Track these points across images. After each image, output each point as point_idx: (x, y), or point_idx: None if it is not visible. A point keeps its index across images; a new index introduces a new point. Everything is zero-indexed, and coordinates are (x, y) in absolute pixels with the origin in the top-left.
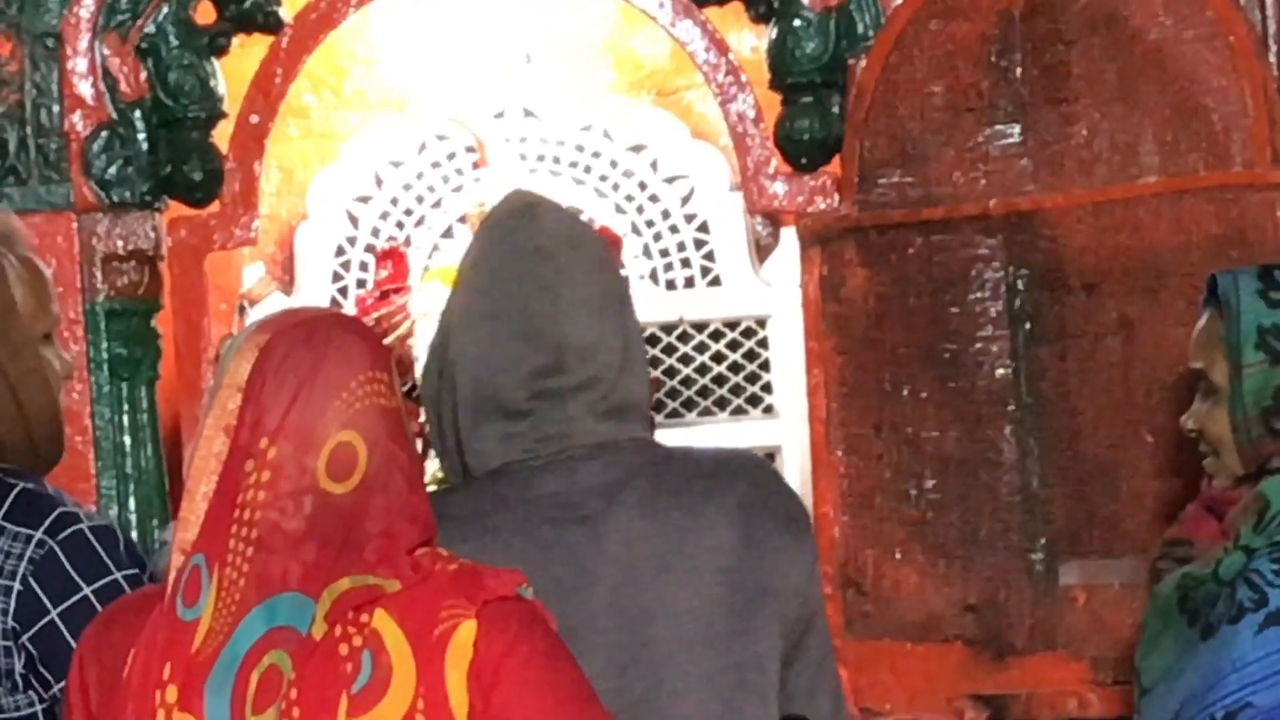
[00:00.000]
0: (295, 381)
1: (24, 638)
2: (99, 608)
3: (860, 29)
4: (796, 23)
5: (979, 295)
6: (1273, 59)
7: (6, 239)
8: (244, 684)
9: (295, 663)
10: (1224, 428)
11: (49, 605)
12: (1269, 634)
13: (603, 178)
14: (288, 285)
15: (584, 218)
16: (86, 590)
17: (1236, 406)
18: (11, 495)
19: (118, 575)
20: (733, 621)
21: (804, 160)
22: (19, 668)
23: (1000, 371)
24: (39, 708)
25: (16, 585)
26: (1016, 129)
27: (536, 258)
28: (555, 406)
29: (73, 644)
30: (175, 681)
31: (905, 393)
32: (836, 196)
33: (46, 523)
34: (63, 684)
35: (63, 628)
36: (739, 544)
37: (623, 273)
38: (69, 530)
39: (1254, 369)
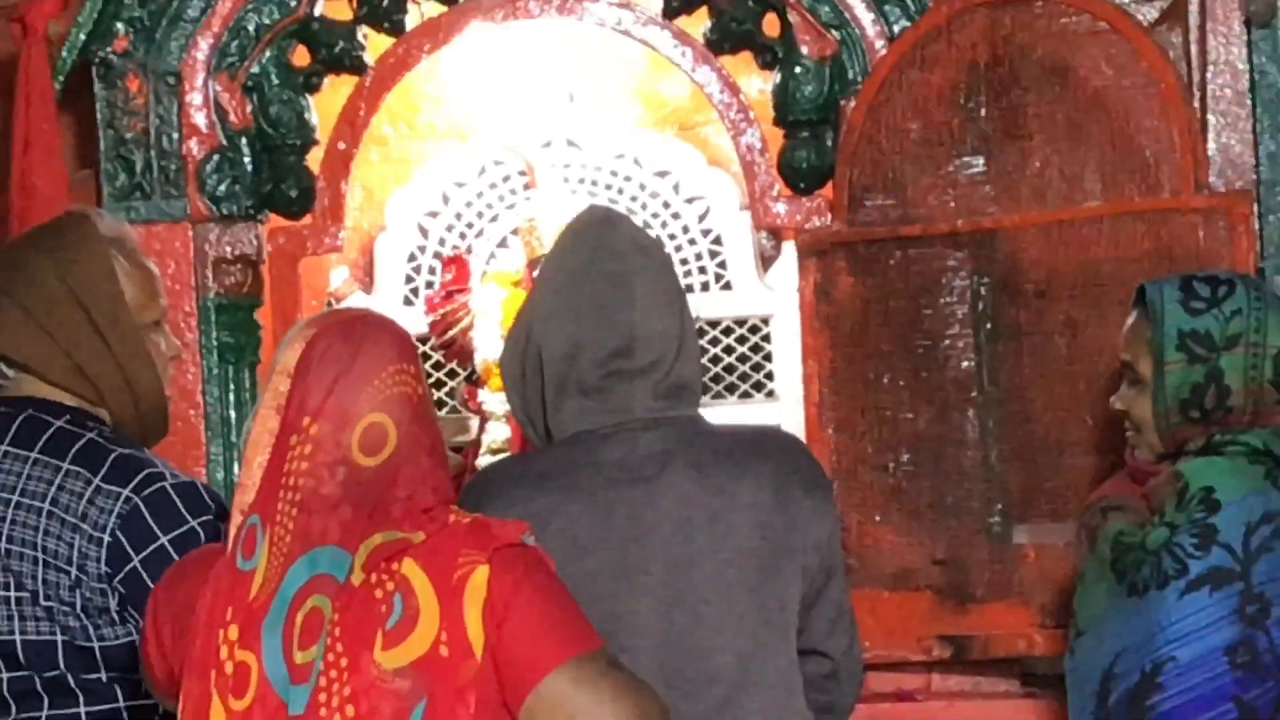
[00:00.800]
0: (335, 370)
1: (115, 580)
2: (174, 554)
3: (850, 75)
4: (797, 69)
5: (948, 300)
6: (1196, 104)
7: (119, 243)
8: (291, 624)
9: (337, 605)
10: (1146, 412)
11: (132, 553)
12: (1189, 599)
13: (633, 198)
14: (368, 285)
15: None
16: (164, 539)
17: (1158, 397)
18: (110, 459)
19: (193, 523)
20: (763, 570)
21: (802, 185)
22: (114, 605)
23: (965, 364)
24: (136, 638)
25: (107, 537)
26: (981, 160)
27: (614, 260)
28: (623, 384)
29: (152, 586)
30: (236, 622)
31: (885, 381)
32: (829, 216)
33: (134, 482)
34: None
35: (143, 572)
36: (771, 504)
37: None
38: (153, 488)
39: (1174, 366)
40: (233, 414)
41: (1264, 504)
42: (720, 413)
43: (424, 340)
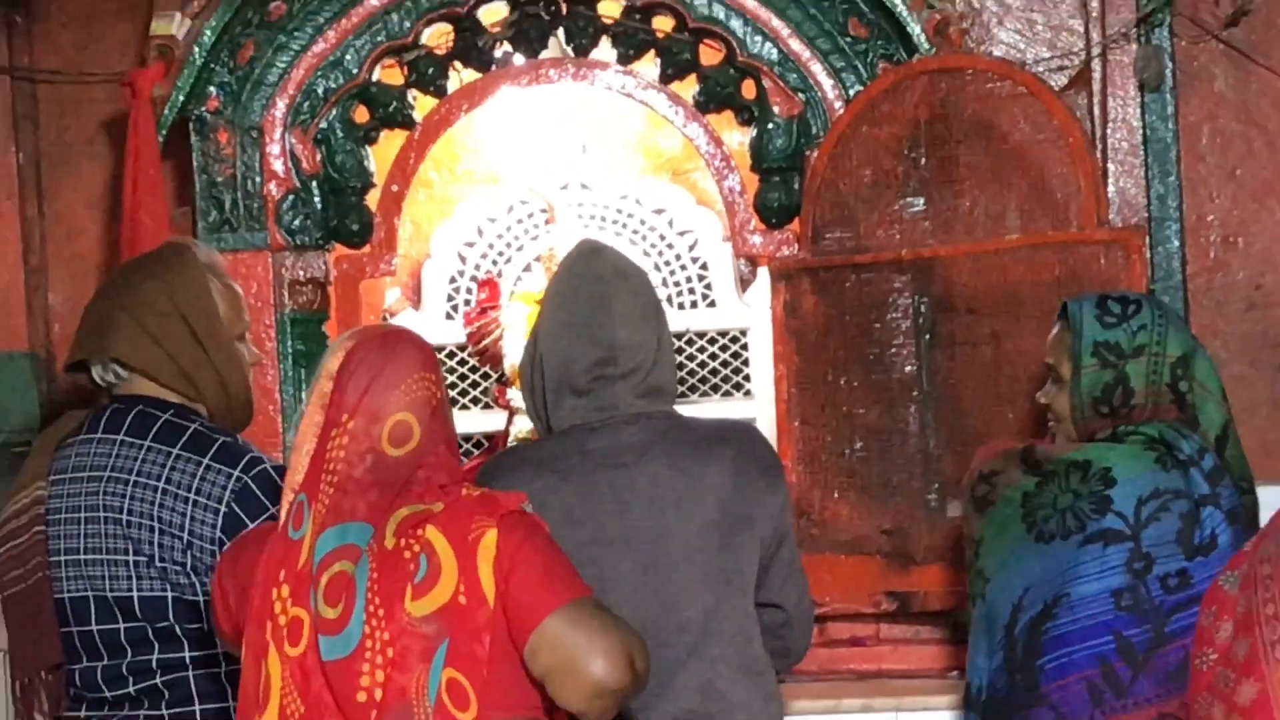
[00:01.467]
0: (369, 375)
1: (229, 545)
2: None
3: (814, 130)
4: (770, 126)
5: (894, 315)
6: (1098, 154)
7: (213, 268)
8: (318, 584)
9: (375, 565)
10: (1065, 407)
11: (247, 521)
12: (1087, 549)
13: (634, 231)
14: (416, 303)
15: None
16: (272, 509)
17: (1075, 394)
18: (215, 445)
19: None
20: (723, 539)
21: (774, 220)
22: None
23: (908, 369)
24: None
25: (223, 508)
26: (921, 201)
27: (598, 285)
28: (607, 387)
29: None
30: (288, 583)
31: (842, 383)
32: (796, 246)
33: (241, 464)
34: None
35: None
36: (731, 484)
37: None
38: (257, 469)
39: (1089, 370)
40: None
41: (1154, 483)
42: (706, 409)
43: (462, 348)
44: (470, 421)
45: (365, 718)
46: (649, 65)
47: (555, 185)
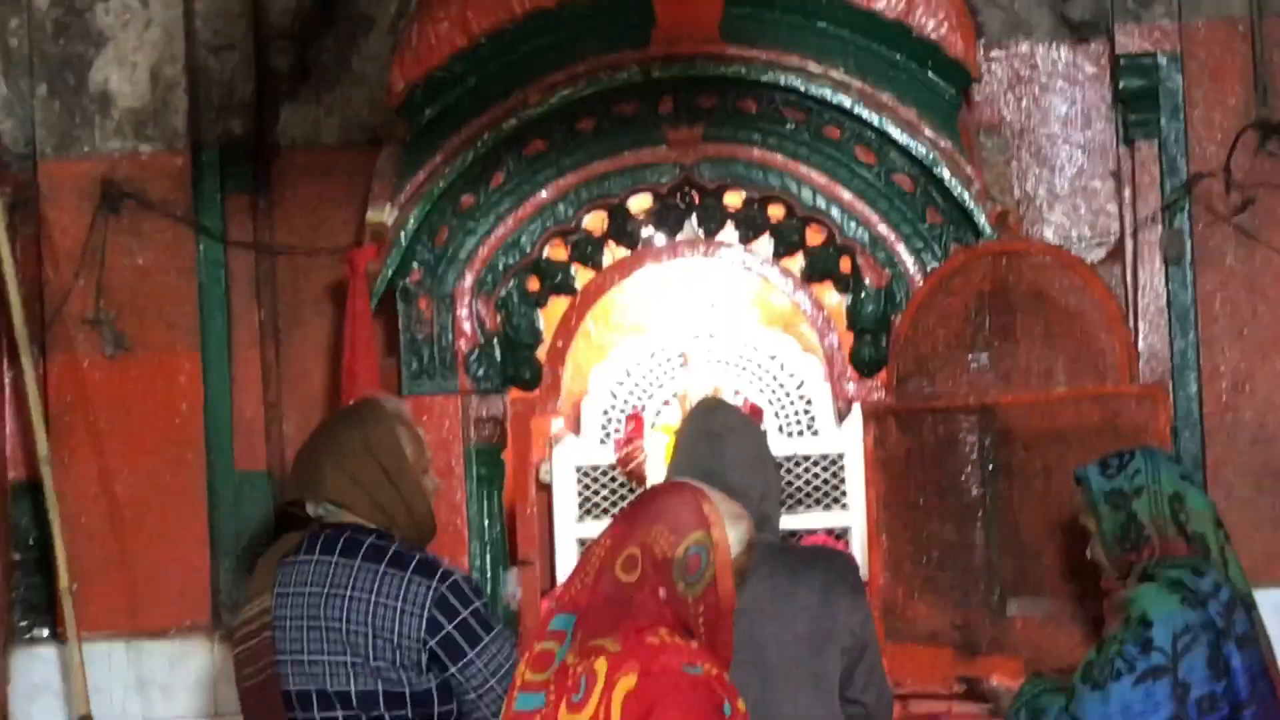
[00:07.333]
0: (634, 514)
1: (431, 643)
2: (471, 622)
3: (898, 299)
4: (862, 294)
5: (963, 451)
6: (1130, 315)
7: (399, 417)
8: (533, 652)
9: (557, 671)
10: (1100, 554)
11: (444, 622)
12: (1138, 688)
13: (752, 373)
14: (576, 430)
15: (739, 404)
16: (464, 613)
17: (1102, 538)
18: (413, 562)
19: (476, 603)
20: (812, 649)
21: (866, 370)
22: (424, 661)
23: (975, 492)
24: (433, 684)
25: (425, 613)
26: (985, 356)
27: (712, 439)
28: None
29: (461, 644)
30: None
31: (921, 503)
32: (884, 392)
33: (437, 576)
34: (452, 670)
35: (455, 634)
36: (818, 603)
37: (764, 431)
38: (450, 579)
39: (1106, 516)
40: (486, 523)
41: (1184, 620)
42: (811, 518)
43: (613, 467)
44: None
45: None
46: (764, 243)
47: (689, 335)
